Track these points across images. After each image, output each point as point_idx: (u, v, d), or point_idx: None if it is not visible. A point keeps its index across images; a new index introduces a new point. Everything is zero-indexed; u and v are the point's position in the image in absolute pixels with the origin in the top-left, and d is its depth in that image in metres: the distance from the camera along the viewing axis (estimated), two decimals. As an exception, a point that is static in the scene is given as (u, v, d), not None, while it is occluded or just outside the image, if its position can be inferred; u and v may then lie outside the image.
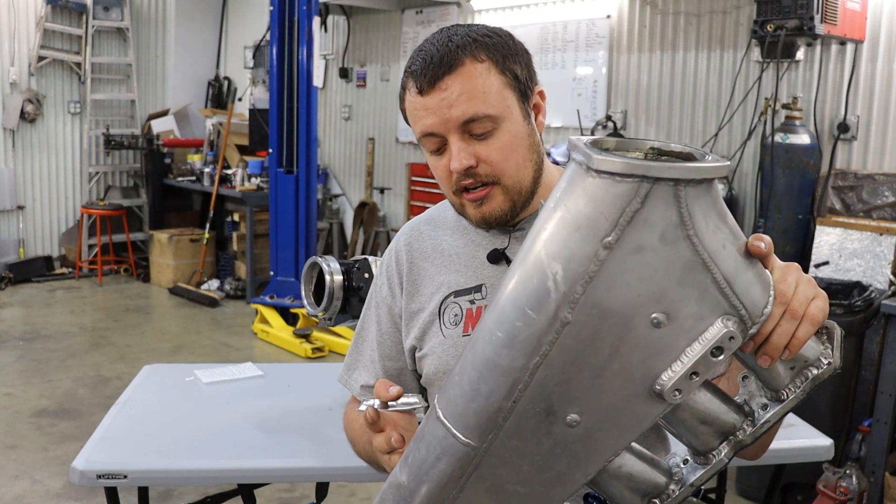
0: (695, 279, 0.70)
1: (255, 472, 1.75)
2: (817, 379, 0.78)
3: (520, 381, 0.73)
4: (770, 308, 0.74)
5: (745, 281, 0.72)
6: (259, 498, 2.03)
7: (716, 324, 0.71)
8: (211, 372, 2.20)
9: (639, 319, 0.70)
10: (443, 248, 1.30)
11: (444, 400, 0.80)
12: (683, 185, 0.68)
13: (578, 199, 0.70)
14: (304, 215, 5.39)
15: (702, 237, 0.69)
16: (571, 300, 0.69)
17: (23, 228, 6.81)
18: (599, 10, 4.82)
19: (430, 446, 0.81)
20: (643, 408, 0.73)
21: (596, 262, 0.68)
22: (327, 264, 1.86)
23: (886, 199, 3.49)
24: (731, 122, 4.12)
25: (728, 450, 0.80)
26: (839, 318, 2.94)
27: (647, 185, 0.67)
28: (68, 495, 3.08)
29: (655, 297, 0.70)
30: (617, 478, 0.79)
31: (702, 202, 0.69)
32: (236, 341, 5.19)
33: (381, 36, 6.38)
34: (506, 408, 0.74)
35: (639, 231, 0.68)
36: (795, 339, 0.75)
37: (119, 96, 7.21)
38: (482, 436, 0.76)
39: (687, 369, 0.71)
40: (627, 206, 0.68)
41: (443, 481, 0.79)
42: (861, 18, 3.57)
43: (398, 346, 1.32)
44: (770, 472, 2.11)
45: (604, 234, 0.68)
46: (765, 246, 0.74)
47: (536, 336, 0.71)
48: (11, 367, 4.59)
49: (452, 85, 1.10)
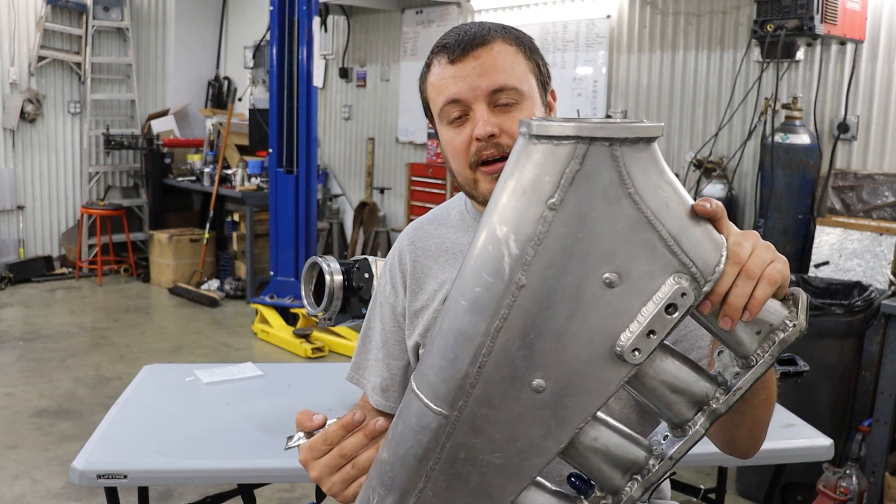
0: (641, 237, 0.73)
1: (255, 472, 1.75)
2: (784, 342, 0.79)
3: (483, 346, 0.75)
4: (722, 266, 0.75)
5: (692, 239, 0.74)
6: (259, 498, 2.03)
7: (667, 281, 0.74)
8: (211, 372, 2.20)
9: (591, 280, 0.73)
10: (447, 245, 1.30)
11: (418, 373, 0.83)
12: (619, 145, 0.72)
13: (524, 167, 0.74)
14: (304, 215, 5.39)
15: (643, 195, 0.73)
16: (524, 263, 0.73)
17: (23, 228, 6.82)
18: (599, 10, 4.82)
19: (406, 420, 0.83)
20: (607, 371, 0.75)
21: (543, 223, 0.72)
22: (327, 264, 1.86)
23: (886, 199, 3.49)
24: (731, 122, 4.12)
25: (704, 420, 0.81)
26: (839, 318, 2.94)
27: (584, 146, 0.71)
28: (68, 495, 3.08)
29: (605, 257, 0.73)
30: (594, 451, 0.80)
31: (640, 162, 0.73)
32: (236, 341, 5.19)
33: (381, 36, 6.38)
34: (472, 374, 0.76)
35: (581, 191, 0.72)
36: (754, 300, 0.76)
37: (119, 96, 7.21)
38: (452, 403, 0.77)
39: (643, 328, 0.73)
40: (567, 167, 0.72)
41: (419, 453, 0.80)
42: (861, 18, 3.57)
43: (402, 344, 1.33)
44: (770, 472, 2.11)
45: (548, 196, 0.72)
46: (711, 206, 0.76)
47: (495, 300, 0.74)
48: (11, 367, 4.59)
49: (484, 56, 1.15)
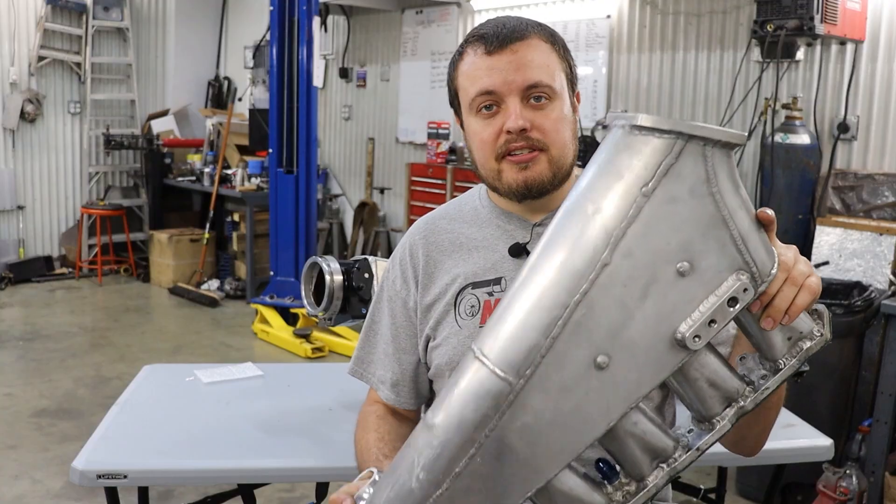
0: (716, 233, 0.79)
1: (255, 472, 1.75)
2: (810, 350, 0.86)
3: (560, 318, 0.79)
4: (776, 270, 0.82)
5: (756, 242, 0.81)
6: (259, 498, 2.03)
7: (731, 277, 0.80)
8: (211, 372, 2.20)
9: (667, 266, 0.79)
10: (460, 241, 1.30)
11: (482, 338, 0.84)
12: (711, 146, 0.79)
13: (622, 154, 0.80)
14: (304, 215, 5.39)
15: (724, 195, 0.79)
16: (612, 243, 0.78)
17: (23, 228, 6.81)
18: (599, 10, 4.82)
19: (466, 385, 0.83)
20: (665, 355, 0.80)
21: (635, 208, 0.78)
22: (327, 264, 1.86)
23: (886, 199, 3.49)
24: (731, 122, 4.12)
25: (731, 415, 0.86)
26: (839, 318, 2.94)
27: (682, 142, 0.78)
28: (68, 495, 3.08)
29: (682, 246, 0.79)
30: (632, 435, 0.84)
31: (724, 165, 0.80)
32: (236, 341, 5.19)
33: (381, 36, 6.38)
34: (544, 344, 0.79)
35: (672, 183, 0.78)
36: (795, 306, 0.83)
37: (119, 96, 7.20)
38: (519, 371, 0.80)
39: (706, 317, 0.79)
40: (665, 159, 0.78)
41: (477, 419, 0.81)
42: (861, 18, 3.57)
43: (413, 339, 1.33)
44: (770, 472, 2.11)
45: (643, 183, 0.78)
46: (771, 216, 0.82)
47: (578, 275, 0.79)
48: (11, 367, 4.59)
49: (522, 50, 1.17)
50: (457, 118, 1.28)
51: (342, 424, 1.84)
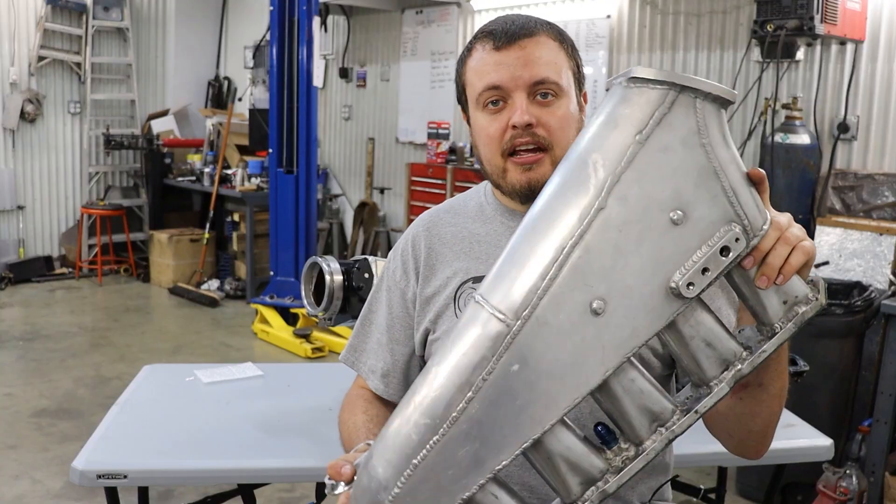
0: (708, 184, 0.81)
1: (255, 472, 1.75)
2: (805, 314, 0.86)
3: (556, 261, 0.80)
4: (768, 226, 0.84)
5: (747, 196, 0.83)
6: (259, 498, 2.03)
7: (723, 227, 0.82)
8: (211, 372, 2.20)
9: (661, 214, 0.80)
10: (463, 235, 1.30)
11: (483, 284, 0.85)
12: (702, 99, 0.81)
13: (618, 104, 0.83)
14: (304, 215, 5.39)
15: (714, 147, 0.82)
16: (607, 186, 0.80)
17: (23, 228, 6.81)
18: (599, 10, 4.82)
19: (464, 327, 0.84)
20: (661, 303, 0.81)
21: (630, 153, 0.80)
22: (327, 264, 1.86)
23: (886, 199, 3.49)
24: (731, 122, 4.12)
25: (729, 378, 0.86)
26: (839, 318, 2.94)
27: (675, 93, 0.81)
28: (68, 495, 3.08)
29: (675, 195, 0.81)
30: (629, 392, 0.84)
31: (714, 119, 0.82)
32: (236, 341, 5.19)
33: (381, 36, 6.38)
34: (541, 286, 0.80)
35: (665, 132, 0.81)
36: (789, 264, 0.84)
37: (119, 96, 7.20)
38: (517, 312, 0.81)
39: (699, 265, 0.81)
40: (657, 109, 0.81)
41: (474, 361, 0.81)
42: (861, 18, 3.57)
43: (408, 330, 1.33)
44: (770, 472, 2.11)
45: (636, 130, 0.81)
46: (763, 174, 0.84)
47: (575, 218, 0.80)
48: (11, 367, 4.59)
49: (530, 47, 1.17)
50: (464, 114, 1.28)
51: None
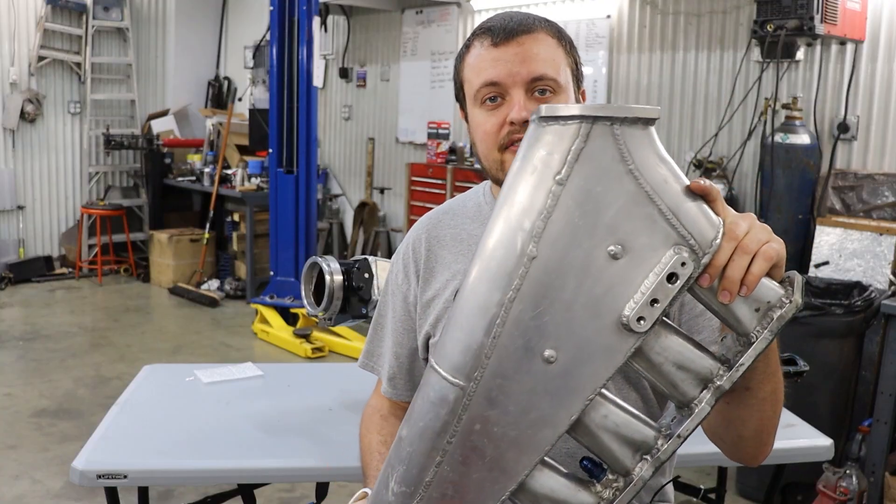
0: (642, 211, 0.78)
1: (255, 472, 1.75)
2: (782, 319, 0.82)
3: (497, 317, 0.78)
4: (719, 240, 0.80)
5: (690, 213, 0.79)
6: (259, 498, 2.03)
7: (668, 253, 0.78)
8: (211, 372, 2.20)
9: (597, 252, 0.78)
10: (462, 236, 1.31)
11: (437, 348, 0.85)
12: (619, 124, 0.78)
13: (533, 147, 0.80)
14: (304, 215, 5.39)
15: (643, 171, 0.78)
16: (535, 235, 0.78)
17: (23, 228, 6.81)
18: (599, 10, 4.82)
19: (425, 394, 0.85)
20: (614, 341, 0.79)
21: (552, 197, 0.78)
22: (327, 264, 1.86)
23: (886, 199, 3.49)
24: (731, 122, 4.12)
25: (709, 396, 0.83)
26: (839, 318, 2.94)
27: (588, 125, 0.78)
28: (68, 495, 3.08)
29: (609, 229, 0.78)
30: (604, 429, 0.82)
31: (638, 141, 0.79)
32: (236, 341, 5.19)
33: (381, 36, 6.38)
34: (487, 344, 0.79)
35: (586, 166, 0.78)
36: (750, 274, 0.80)
37: (119, 96, 7.20)
38: (469, 375, 0.80)
39: (647, 297, 0.77)
40: (573, 145, 0.78)
41: (437, 427, 0.82)
42: (861, 18, 3.57)
43: (410, 333, 1.34)
44: (770, 472, 2.11)
45: (555, 172, 0.78)
46: (704, 185, 0.80)
47: (509, 271, 0.78)
48: (11, 367, 4.59)
49: (528, 43, 1.16)
50: (461, 112, 1.28)
51: (342, 424, 1.84)
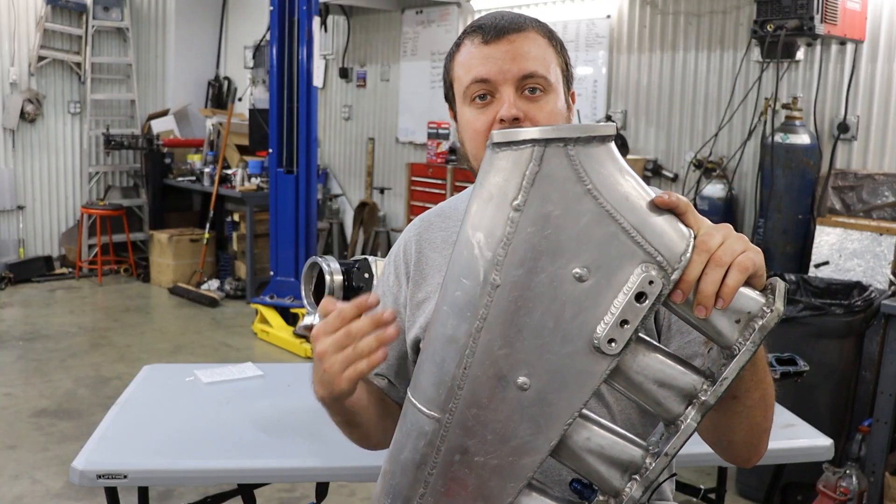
0: (605, 230, 0.76)
1: (255, 472, 1.75)
2: (764, 329, 0.79)
3: (466, 347, 0.77)
4: (689, 254, 0.77)
5: (655, 229, 0.76)
6: (259, 498, 2.03)
7: (635, 271, 0.76)
8: (211, 372, 2.20)
9: (562, 275, 0.76)
10: (452, 239, 1.29)
11: (413, 383, 0.85)
12: (573, 144, 0.76)
13: (489, 175, 0.78)
14: (304, 215, 5.39)
15: (602, 190, 0.76)
16: (496, 263, 0.76)
17: (23, 228, 6.81)
18: (599, 10, 4.82)
19: (403, 428, 0.85)
20: (587, 364, 0.77)
21: (511, 224, 0.76)
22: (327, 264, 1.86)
23: (886, 199, 3.49)
24: (731, 122, 4.12)
25: (695, 413, 0.82)
26: (839, 318, 2.94)
27: (541, 148, 0.76)
28: (68, 495, 3.08)
29: (573, 251, 0.76)
30: (588, 452, 0.81)
31: (595, 160, 0.76)
32: (236, 341, 5.19)
33: (381, 36, 6.38)
34: (459, 375, 0.78)
35: (543, 190, 0.76)
36: (725, 287, 0.77)
37: (119, 96, 7.20)
38: (443, 407, 0.79)
39: (616, 318, 0.75)
40: (527, 169, 0.76)
41: (417, 459, 0.82)
42: (861, 18, 3.57)
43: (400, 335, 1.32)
44: (770, 472, 2.11)
45: (512, 198, 0.76)
46: (671, 198, 0.77)
47: (474, 302, 0.77)
48: (11, 367, 4.59)
49: (519, 41, 1.15)
50: (450, 111, 1.27)
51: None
